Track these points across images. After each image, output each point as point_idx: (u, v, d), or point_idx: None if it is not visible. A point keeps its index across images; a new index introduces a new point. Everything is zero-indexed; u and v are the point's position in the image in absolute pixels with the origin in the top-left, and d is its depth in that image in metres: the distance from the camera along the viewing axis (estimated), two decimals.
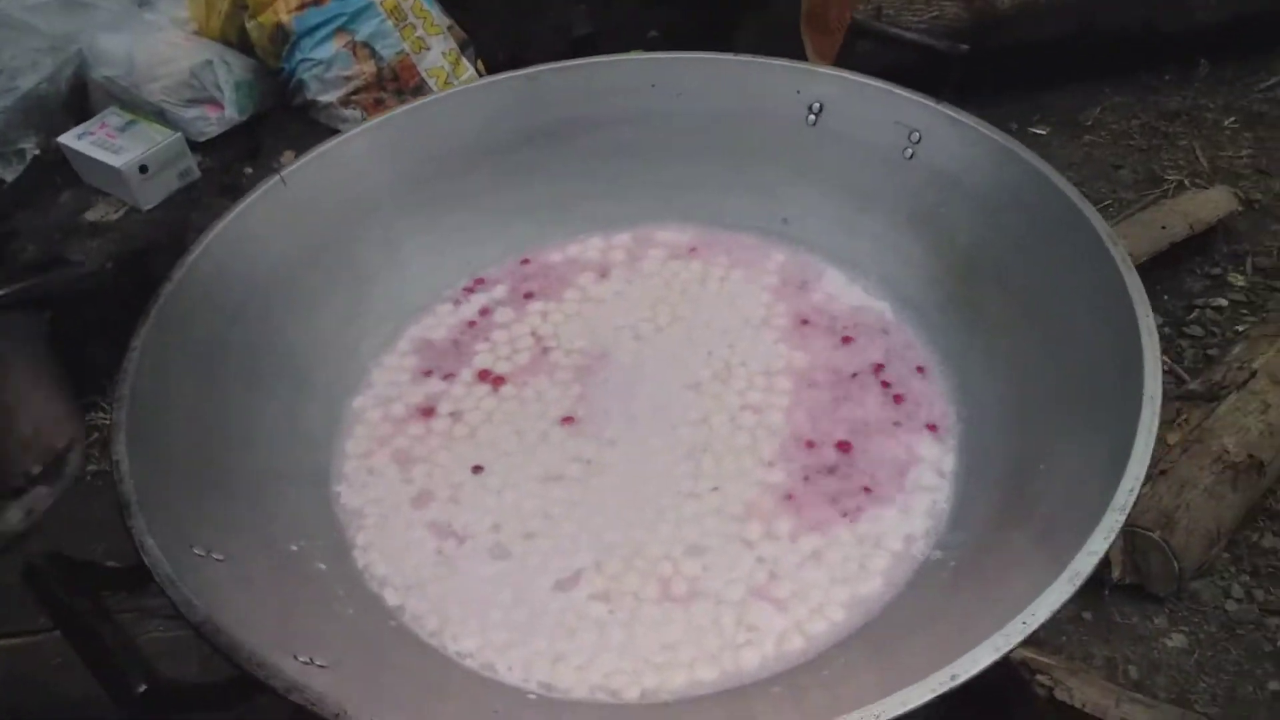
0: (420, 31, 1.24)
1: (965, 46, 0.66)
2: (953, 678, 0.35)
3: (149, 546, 0.42)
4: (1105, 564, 0.82)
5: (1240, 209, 1.22)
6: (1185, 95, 1.44)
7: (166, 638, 0.68)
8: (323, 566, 0.54)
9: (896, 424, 0.61)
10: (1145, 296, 0.52)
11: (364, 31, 1.21)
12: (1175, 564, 0.80)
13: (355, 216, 0.71)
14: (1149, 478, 0.90)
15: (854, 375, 0.65)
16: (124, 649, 0.38)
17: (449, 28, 1.29)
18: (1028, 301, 0.61)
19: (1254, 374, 0.95)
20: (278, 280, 0.65)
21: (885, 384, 0.64)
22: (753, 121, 0.76)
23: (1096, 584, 0.88)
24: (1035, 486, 0.51)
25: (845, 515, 0.56)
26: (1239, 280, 1.16)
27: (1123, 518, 0.41)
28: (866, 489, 0.57)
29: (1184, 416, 0.91)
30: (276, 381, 0.62)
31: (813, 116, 0.74)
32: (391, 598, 0.53)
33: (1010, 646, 0.36)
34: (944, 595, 0.49)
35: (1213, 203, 1.19)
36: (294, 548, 0.53)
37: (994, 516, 0.52)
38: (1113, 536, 0.40)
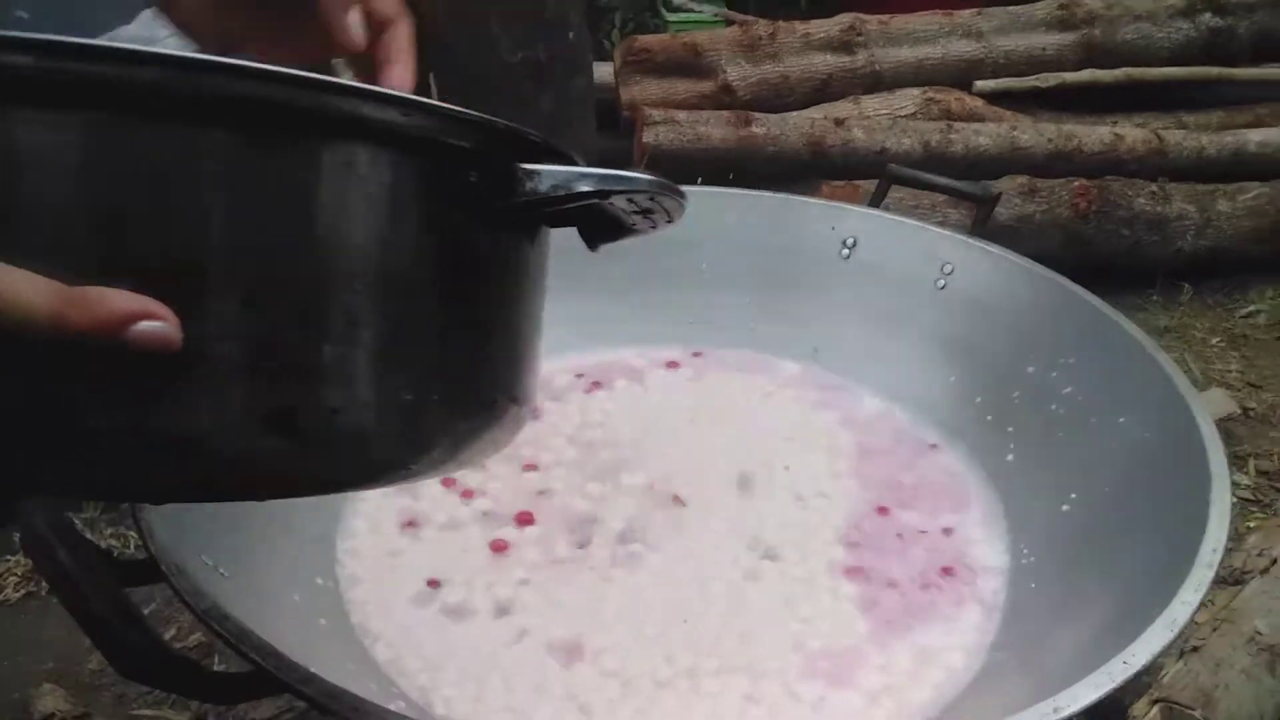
0: None
1: (998, 190, 0.70)
2: (1055, 710, 0.31)
3: (157, 535, 0.39)
4: None
5: (1239, 412, 1.24)
6: (1172, 314, 1.51)
7: None
8: (323, 622, 0.49)
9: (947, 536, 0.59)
10: (1195, 391, 0.52)
11: None
12: None
13: None
14: (1181, 653, 0.84)
15: (903, 484, 0.63)
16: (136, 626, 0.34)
17: None
18: (1069, 414, 0.60)
19: (1275, 561, 0.93)
20: None
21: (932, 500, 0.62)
22: (787, 254, 0.78)
23: None
24: (1092, 587, 0.48)
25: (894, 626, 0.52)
26: (1244, 480, 1.16)
27: (1210, 574, 0.38)
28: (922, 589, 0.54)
29: (1210, 597, 0.88)
30: None
31: (846, 250, 0.77)
32: (383, 653, 0.48)
33: (1114, 684, 0.33)
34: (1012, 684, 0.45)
35: (1212, 403, 1.21)
36: (296, 597, 0.49)
37: (1050, 615, 0.49)
38: (1203, 590, 0.37)
